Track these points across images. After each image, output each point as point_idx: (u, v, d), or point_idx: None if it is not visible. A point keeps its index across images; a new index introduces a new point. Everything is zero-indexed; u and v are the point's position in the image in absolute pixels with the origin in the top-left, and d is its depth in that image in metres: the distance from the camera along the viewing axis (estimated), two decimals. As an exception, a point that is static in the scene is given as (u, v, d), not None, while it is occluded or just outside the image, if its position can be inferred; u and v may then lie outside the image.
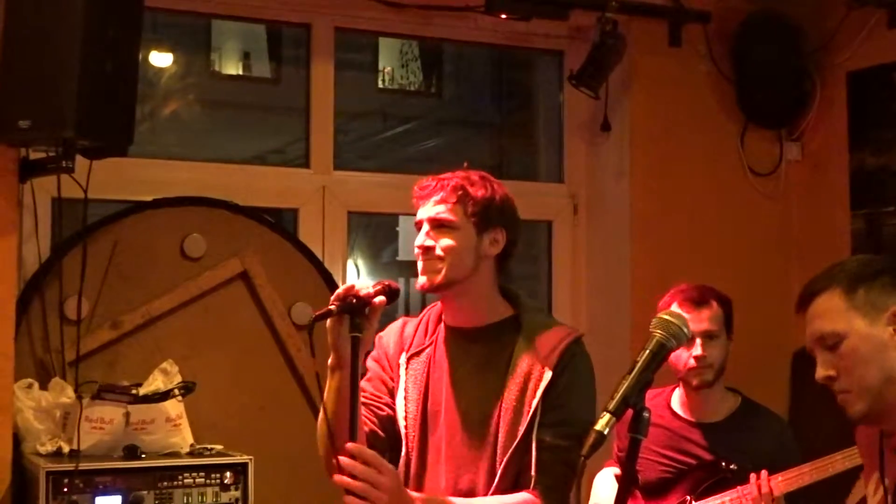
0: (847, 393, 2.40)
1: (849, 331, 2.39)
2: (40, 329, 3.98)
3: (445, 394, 2.90)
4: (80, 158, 3.70)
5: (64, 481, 3.51)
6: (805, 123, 5.03)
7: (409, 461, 2.90)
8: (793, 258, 4.86)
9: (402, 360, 2.94)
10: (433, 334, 2.96)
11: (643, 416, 2.13)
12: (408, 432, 2.89)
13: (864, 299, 2.37)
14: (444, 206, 2.83)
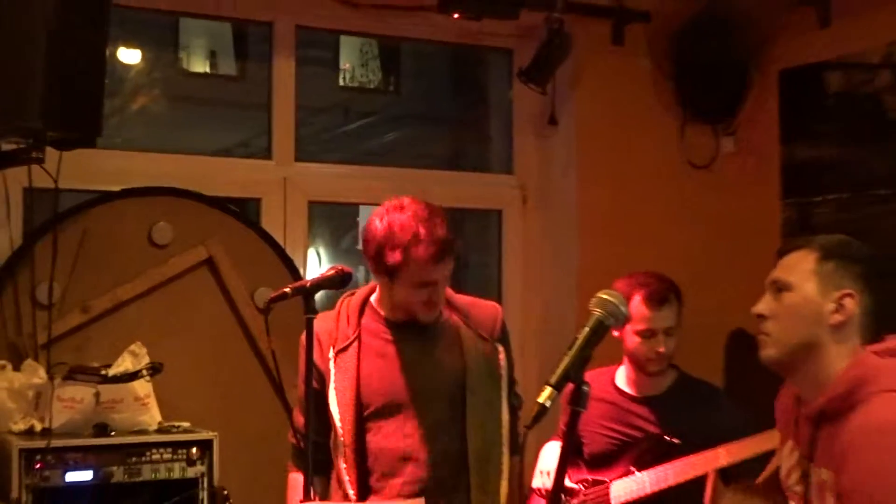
0: (767, 336, 2.46)
1: (799, 287, 2.44)
2: (13, 313, 3.96)
3: (406, 375, 2.93)
4: (50, 150, 3.67)
5: (36, 458, 3.49)
6: (740, 118, 5.07)
7: (344, 443, 2.94)
8: (727, 244, 4.90)
9: (330, 356, 2.97)
10: (357, 327, 2.99)
11: (583, 389, 2.16)
12: (344, 420, 2.93)
13: (829, 272, 2.43)
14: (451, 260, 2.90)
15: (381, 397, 2.95)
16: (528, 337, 5.00)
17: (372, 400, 2.95)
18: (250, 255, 4.32)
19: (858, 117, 4.59)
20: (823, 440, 2.41)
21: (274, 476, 3.21)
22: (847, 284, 2.43)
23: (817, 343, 2.43)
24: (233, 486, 3.70)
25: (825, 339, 2.43)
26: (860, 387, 2.34)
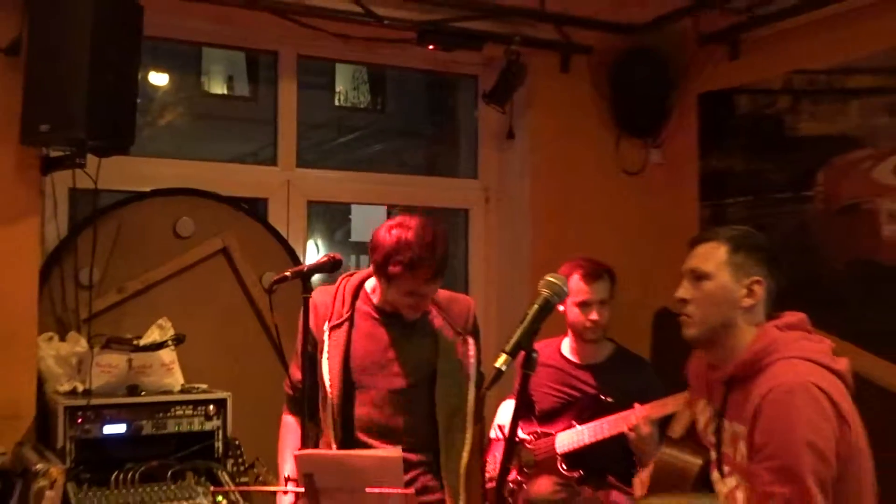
0: (689, 317, 2.48)
1: (715, 276, 2.45)
2: (59, 293, 3.94)
3: (389, 356, 2.94)
4: (91, 156, 3.67)
5: (78, 414, 3.50)
6: (665, 134, 5.07)
7: (332, 412, 2.93)
8: (654, 239, 4.92)
9: (325, 328, 2.97)
10: (350, 307, 2.99)
11: (532, 356, 2.17)
12: (332, 387, 2.93)
13: (740, 262, 2.45)
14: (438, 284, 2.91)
15: (365, 372, 2.95)
16: (489, 312, 5.01)
17: (357, 373, 2.95)
18: (258, 246, 4.31)
19: (762, 134, 4.61)
20: (734, 399, 2.43)
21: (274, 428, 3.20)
22: (755, 272, 2.45)
23: (732, 323, 2.45)
24: (243, 437, 3.70)
25: (738, 318, 2.45)
26: (765, 355, 2.36)
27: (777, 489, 2.19)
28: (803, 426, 2.21)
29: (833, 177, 4.26)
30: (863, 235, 4.11)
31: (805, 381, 2.25)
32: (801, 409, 2.22)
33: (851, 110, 4.20)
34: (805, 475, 2.17)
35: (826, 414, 2.23)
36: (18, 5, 3.65)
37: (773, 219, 4.50)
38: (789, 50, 4.47)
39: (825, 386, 2.26)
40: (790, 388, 2.25)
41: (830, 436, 2.22)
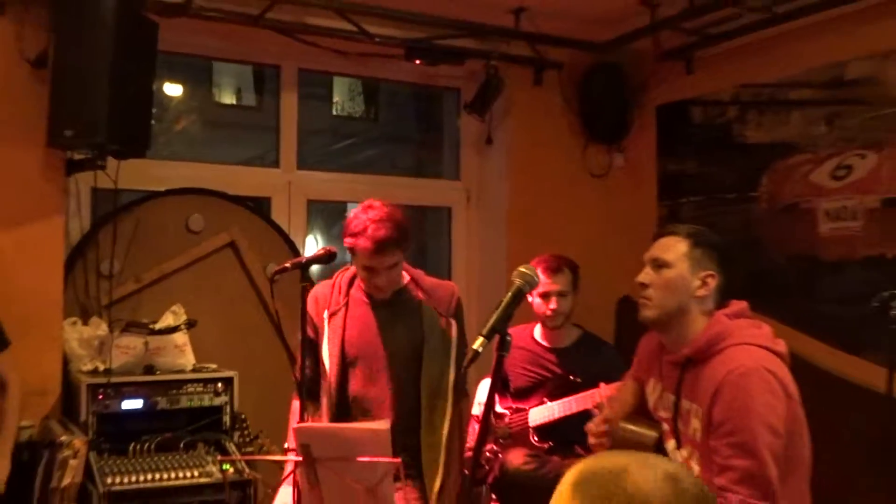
0: (648, 300, 2.49)
1: (675, 266, 2.47)
2: (82, 282, 3.93)
3: (376, 341, 2.93)
4: (111, 159, 3.68)
5: (99, 391, 3.52)
6: (627, 141, 5.08)
7: (330, 385, 2.93)
8: (618, 235, 4.92)
9: (325, 316, 2.97)
10: (345, 296, 2.99)
11: (506, 339, 2.16)
12: (331, 367, 2.94)
13: (698, 256, 2.47)
14: (392, 254, 2.85)
15: (359, 352, 2.95)
16: (470, 299, 4.99)
17: (352, 354, 2.95)
18: (262, 240, 4.30)
19: (713, 141, 4.61)
20: (688, 380, 2.44)
21: (276, 403, 3.19)
22: (710, 267, 2.47)
23: (686, 309, 2.47)
24: (248, 412, 3.71)
25: (691, 306, 2.47)
26: (719, 341, 2.38)
27: (736, 462, 2.22)
28: (759, 406, 2.23)
29: (776, 179, 4.27)
30: (802, 232, 4.12)
31: (758, 366, 2.28)
32: (756, 391, 2.25)
33: (792, 120, 4.21)
34: (761, 450, 2.20)
35: (777, 394, 2.26)
36: (45, 22, 3.63)
37: (722, 217, 4.51)
38: (737, 66, 4.47)
39: (774, 368, 2.29)
40: (745, 372, 2.27)
41: (781, 413, 2.25)
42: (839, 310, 3.94)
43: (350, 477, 2.42)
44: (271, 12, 4.04)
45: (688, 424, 2.43)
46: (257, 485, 3.25)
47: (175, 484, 3.26)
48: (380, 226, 2.79)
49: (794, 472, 2.33)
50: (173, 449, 3.49)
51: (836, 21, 3.95)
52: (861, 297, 3.79)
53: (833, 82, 4.02)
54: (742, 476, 2.20)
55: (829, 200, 4.01)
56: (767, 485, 2.20)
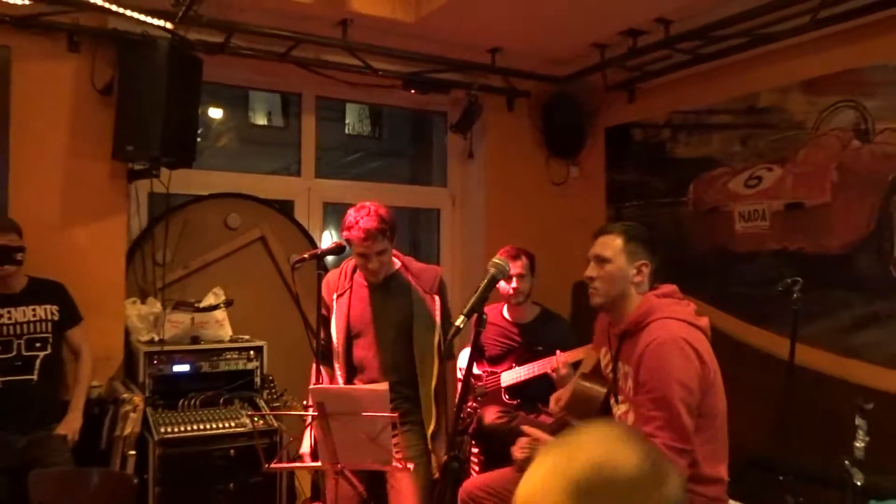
0: (596, 290, 2.47)
1: (614, 261, 2.44)
2: (141, 269, 3.89)
3: (374, 316, 2.89)
4: (164, 169, 3.64)
5: (154, 357, 3.48)
6: (581, 155, 5.04)
7: (339, 353, 2.90)
8: (574, 231, 4.88)
9: (333, 298, 2.93)
10: (350, 280, 2.95)
11: (482, 317, 2.14)
12: (338, 339, 2.90)
13: (632, 249, 2.44)
14: (380, 241, 2.80)
15: (361, 326, 2.90)
16: (454, 283, 4.97)
17: (355, 327, 2.91)
18: (287, 235, 4.25)
19: (650, 156, 4.59)
20: (625, 348, 2.43)
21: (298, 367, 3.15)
22: (643, 257, 2.44)
23: (625, 294, 2.45)
24: (275, 374, 3.67)
25: (629, 291, 2.45)
26: (647, 316, 2.36)
27: (656, 413, 2.21)
28: (673, 369, 2.22)
29: (700, 187, 4.25)
30: (721, 230, 4.10)
31: (674, 337, 2.26)
32: (670, 356, 2.24)
33: (714, 140, 4.18)
34: (676, 403, 2.19)
35: (690, 358, 2.25)
36: (112, 57, 3.60)
37: (657, 217, 4.48)
38: (670, 96, 4.44)
39: (689, 338, 2.28)
40: (663, 341, 2.26)
41: (693, 374, 2.24)
42: (750, 291, 3.93)
43: (356, 428, 2.40)
44: (295, 50, 4.00)
45: (625, 384, 2.42)
46: (282, 434, 3.22)
47: (215, 433, 3.24)
48: (367, 219, 2.77)
49: (710, 422, 2.31)
50: (214, 404, 3.46)
51: (751, 60, 3.93)
52: (767, 281, 3.79)
53: (747, 110, 4.00)
54: (662, 424, 2.20)
55: (743, 205, 3.99)
56: (683, 430, 2.20)
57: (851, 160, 3.50)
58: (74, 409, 3.26)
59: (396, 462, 2.44)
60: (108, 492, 2.63)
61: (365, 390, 2.44)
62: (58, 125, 3.57)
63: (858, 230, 3.46)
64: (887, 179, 3.35)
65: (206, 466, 3.19)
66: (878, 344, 3.36)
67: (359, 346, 2.92)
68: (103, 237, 3.65)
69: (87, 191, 3.62)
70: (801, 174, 3.71)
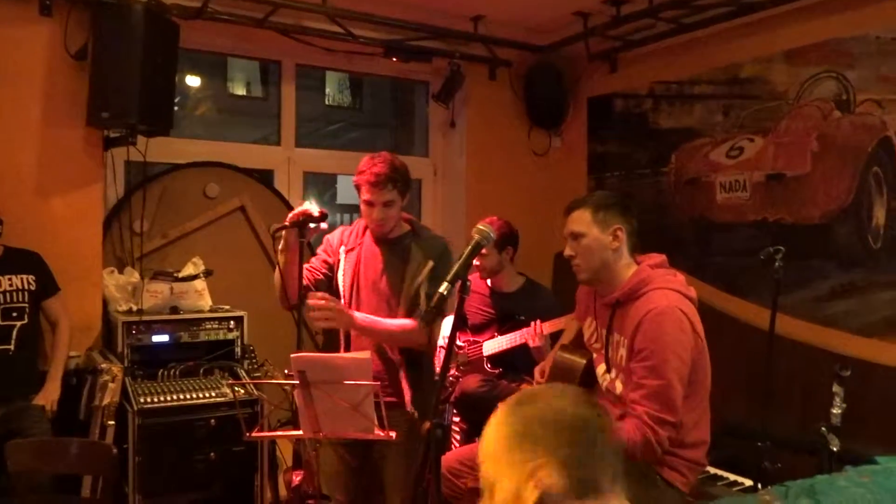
0: (578, 266, 2.46)
1: (588, 233, 2.43)
2: (118, 239, 3.84)
3: (374, 272, 2.85)
4: (140, 137, 3.57)
5: (133, 327, 3.43)
6: (563, 126, 5.01)
7: (345, 301, 2.86)
8: (555, 202, 4.84)
9: (341, 251, 2.88)
10: (361, 238, 2.90)
11: (466, 284, 2.11)
12: (345, 293, 2.85)
13: (601, 218, 2.42)
14: (388, 190, 2.73)
15: (365, 282, 2.85)
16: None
17: (360, 283, 2.86)
18: (267, 204, 4.20)
19: (632, 127, 4.57)
20: (618, 317, 2.43)
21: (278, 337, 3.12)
22: (615, 222, 2.44)
23: (608, 262, 2.44)
24: (256, 344, 3.65)
25: (610, 258, 2.44)
26: (643, 286, 2.36)
27: (647, 381, 2.22)
28: (670, 339, 2.23)
29: (682, 158, 4.24)
30: (702, 200, 4.11)
31: (672, 307, 2.27)
32: (669, 326, 2.24)
33: (696, 110, 4.17)
34: (669, 373, 2.20)
35: (686, 330, 2.26)
36: (85, 21, 3.51)
37: (638, 188, 4.48)
38: (652, 66, 4.42)
39: (685, 309, 2.29)
40: (661, 311, 2.25)
41: (688, 345, 2.25)
42: (730, 262, 3.95)
43: (338, 397, 2.38)
44: (274, 16, 3.92)
45: (616, 352, 2.42)
46: (263, 403, 3.20)
47: (196, 402, 3.21)
48: (379, 165, 2.72)
49: (697, 392, 2.34)
50: (194, 374, 3.43)
51: (733, 30, 3.91)
52: (747, 251, 3.81)
53: (729, 80, 3.98)
54: (650, 393, 2.21)
55: (724, 175, 4.00)
56: (671, 401, 2.21)
57: (832, 131, 3.51)
58: (52, 380, 3.23)
59: (378, 431, 2.43)
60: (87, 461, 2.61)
61: (347, 358, 2.42)
62: (30, 91, 3.49)
63: (838, 201, 3.48)
64: (867, 150, 3.37)
65: (187, 436, 3.17)
66: (855, 313, 3.40)
67: (360, 298, 2.86)
68: (79, 206, 3.59)
69: (61, 159, 3.55)
70: (783, 145, 3.71)
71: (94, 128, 3.53)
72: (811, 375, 3.43)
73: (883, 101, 3.31)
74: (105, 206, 3.76)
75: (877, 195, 3.34)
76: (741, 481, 3.18)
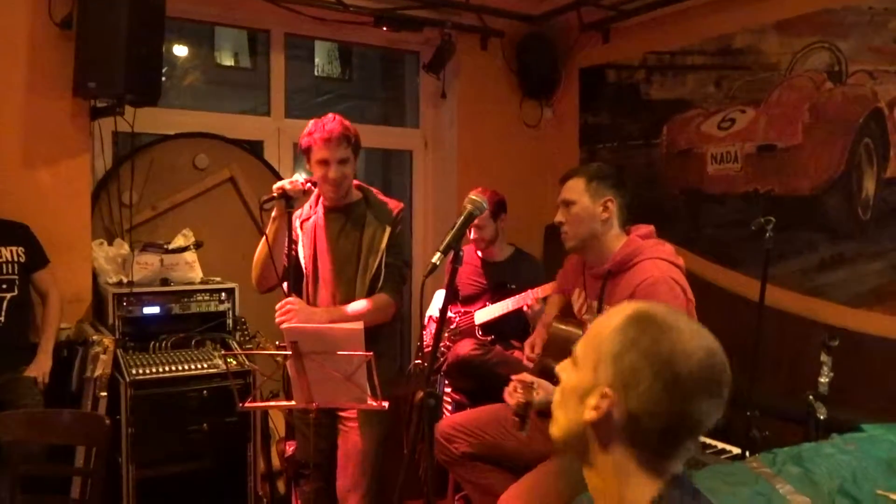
0: (566, 234, 2.48)
1: (578, 202, 2.44)
2: (107, 210, 3.80)
3: (328, 245, 2.84)
4: (128, 107, 3.51)
5: (124, 299, 3.42)
6: (555, 97, 4.99)
7: (307, 286, 2.87)
8: (547, 174, 4.89)
9: (297, 225, 2.88)
10: (315, 208, 2.90)
11: (459, 254, 2.12)
12: (306, 267, 2.86)
13: (594, 188, 2.44)
14: (343, 148, 2.74)
15: (322, 248, 2.85)
16: (427, 223, 4.98)
17: (318, 250, 2.86)
18: (257, 175, 4.16)
19: (624, 98, 4.55)
20: (609, 288, 2.45)
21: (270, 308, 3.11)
22: (607, 194, 2.45)
23: (596, 233, 2.46)
24: (247, 316, 3.64)
25: (600, 229, 2.46)
26: (634, 256, 2.38)
27: None
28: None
29: (673, 129, 4.24)
30: (693, 171, 4.12)
31: (665, 276, 2.29)
32: (662, 295, 2.27)
33: (688, 81, 4.16)
34: None
35: (679, 298, 2.29)
36: (69, -11, 3.44)
37: (630, 159, 4.48)
38: (645, 37, 4.40)
39: (677, 277, 2.32)
40: (655, 281, 2.28)
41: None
42: (721, 233, 3.98)
43: (331, 367, 2.40)
44: (262, -16, 3.88)
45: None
46: (255, 374, 3.21)
47: (188, 374, 3.21)
48: (331, 124, 2.74)
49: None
50: (186, 346, 3.43)
51: (726, 0, 3.89)
52: (738, 223, 3.83)
53: (722, 51, 3.97)
54: None
55: (716, 147, 4.00)
56: None
57: (824, 102, 3.51)
58: (44, 352, 3.23)
59: (371, 400, 2.45)
60: (80, 432, 2.61)
61: (340, 329, 2.43)
62: (15, 61, 3.43)
63: (828, 172, 3.50)
64: (857, 121, 3.38)
65: (180, 407, 3.17)
66: (844, 283, 3.43)
67: (320, 266, 2.85)
68: (67, 177, 3.55)
69: (48, 130, 3.50)
70: (774, 116, 3.72)
71: (80, 98, 3.49)
72: (799, 346, 3.47)
73: (875, 72, 3.31)
74: (93, 177, 3.73)
75: (867, 166, 3.35)
76: (729, 449, 3.23)
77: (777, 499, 2.15)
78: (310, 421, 2.59)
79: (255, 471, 3.34)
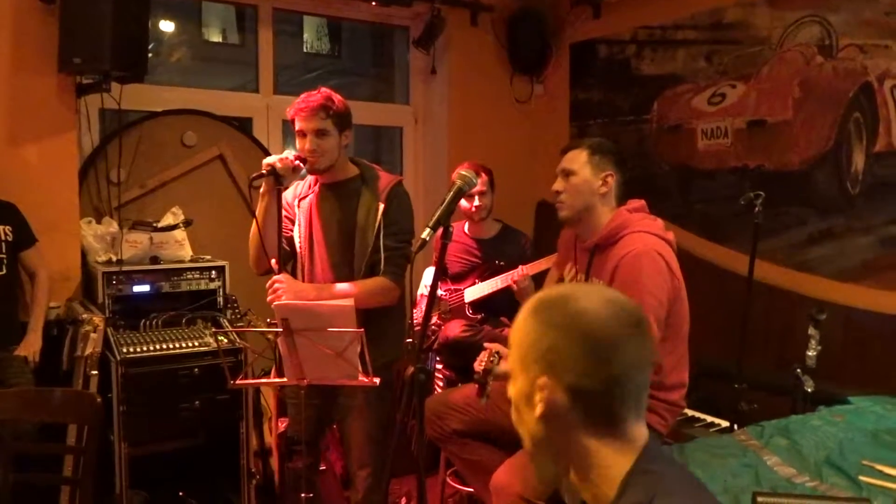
0: (562, 203, 2.48)
1: (579, 173, 2.45)
2: (95, 188, 3.77)
3: (321, 222, 2.83)
4: (114, 84, 3.47)
5: (113, 277, 3.40)
6: (546, 73, 4.97)
7: (303, 265, 2.85)
8: (537, 150, 4.89)
9: (294, 203, 2.87)
10: (313, 186, 2.88)
11: (448, 230, 2.12)
12: (301, 247, 2.84)
13: (596, 161, 2.45)
14: (321, 119, 2.70)
15: (318, 226, 2.84)
16: (418, 201, 4.94)
17: (314, 227, 2.85)
18: (246, 152, 4.14)
19: (614, 74, 4.54)
20: (596, 262, 2.46)
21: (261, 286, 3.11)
22: (608, 168, 2.45)
23: (592, 206, 2.46)
24: (238, 294, 3.63)
25: (597, 203, 2.46)
26: (620, 229, 2.39)
27: None
28: (646, 280, 2.25)
29: (664, 105, 4.24)
30: (684, 147, 4.12)
31: (649, 249, 2.29)
32: (645, 268, 2.27)
33: (679, 56, 4.15)
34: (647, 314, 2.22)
35: (662, 271, 2.28)
36: (52, -37, 3.39)
37: (621, 135, 4.47)
38: (636, 11, 4.37)
39: (662, 251, 2.31)
40: (639, 254, 2.28)
41: (664, 286, 2.28)
42: (711, 208, 3.99)
43: (322, 344, 2.41)
44: (249, -41, 3.83)
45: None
46: (246, 352, 3.21)
47: (179, 352, 3.21)
48: (314, 95, 2.72)
49: (676, 335, 2.38)
50: (176, 324, 3.42)
51: (717, -27, 3.88)
52: (728, 198, 3.84)
53: (713, 25, 3.96)
54: None
55: (706, 122, 4.00)
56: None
57: (814, 76, 3.51)
58: (34, 331, 3.22)
59: (362, 377, 2.46)
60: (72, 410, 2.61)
61: (331, 306, 2.44)
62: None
63: (818, 147, 3.50)
64: (848, 96, 3.38)
65: (171, 385, 3.17)
66: (832, 258, 3.46)
67: (315, 243, 2.84)
68: (53, 155, 3.52)
69: (33, 106, 3.47)
70: (765, 91, 3.71)
71: (66, 74, 3.45)
72: (788, 319, 3.50)
73: (865, 46, 3.31)
74: (80, 155, 3.70)
75: (856, 141, 3.36)
76: (718, 422, 3.27)
77: (765, 470, 2.18)
78: (301, 398, 2.60)
79: (248, 448, 3.36)
